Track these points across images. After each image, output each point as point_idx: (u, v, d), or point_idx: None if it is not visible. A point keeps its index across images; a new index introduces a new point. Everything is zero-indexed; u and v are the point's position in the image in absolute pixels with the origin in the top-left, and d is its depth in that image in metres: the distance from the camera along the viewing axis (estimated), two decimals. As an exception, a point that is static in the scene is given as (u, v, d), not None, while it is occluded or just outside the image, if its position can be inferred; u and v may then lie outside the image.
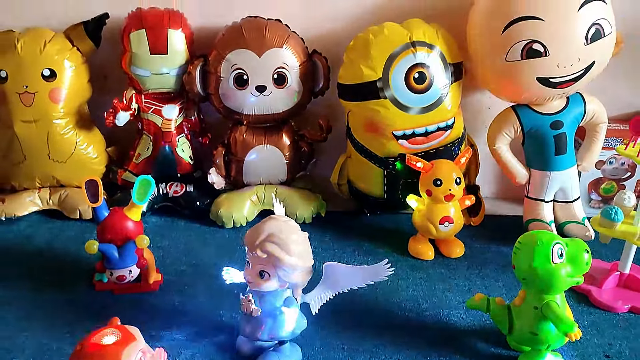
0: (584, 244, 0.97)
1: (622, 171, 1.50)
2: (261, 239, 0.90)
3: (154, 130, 1.46)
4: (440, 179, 1.29)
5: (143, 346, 0.77)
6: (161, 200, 1.49)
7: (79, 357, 0.73)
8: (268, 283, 0.93)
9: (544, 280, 0.95)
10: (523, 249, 0.97)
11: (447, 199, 1.30)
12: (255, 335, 0.98)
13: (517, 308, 1.00)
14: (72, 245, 1.36)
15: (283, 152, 1.47)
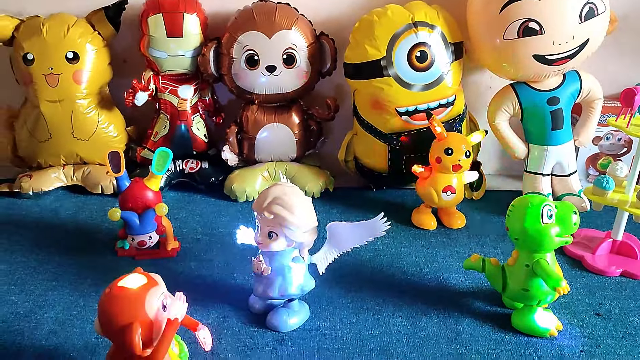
0: (572, 206, 1.03)
1: (619, 147, 1.55)
2: (268, 201, 0.97)
3: (170, 109, 1.55)
4: (452, 149, 1.35)
5: (165, 290, 0.84)
6: (178, 176, 1.58)
7: (107, 299, 0.80)
8: (276, 243, 1.00)
9: (535, 240, 1.01)
10: (515, 211, 1.03)
11: (454, 169, 1.36)
12: (267, 293, 1.05)
13: (510, 267, 1.07)
14: (95, 218, 1.45)
15: (293, 130, 1.55)
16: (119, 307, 0.78)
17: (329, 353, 1.00)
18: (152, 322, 0.79)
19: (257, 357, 0.99)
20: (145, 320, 0.78)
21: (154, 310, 0.79)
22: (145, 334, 0.78)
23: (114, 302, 0.79)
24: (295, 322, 1.07)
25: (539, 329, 1.05)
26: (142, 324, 0.77)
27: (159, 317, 0.80)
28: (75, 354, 0.98)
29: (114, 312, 0.78)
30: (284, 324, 1.06)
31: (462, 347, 1.02)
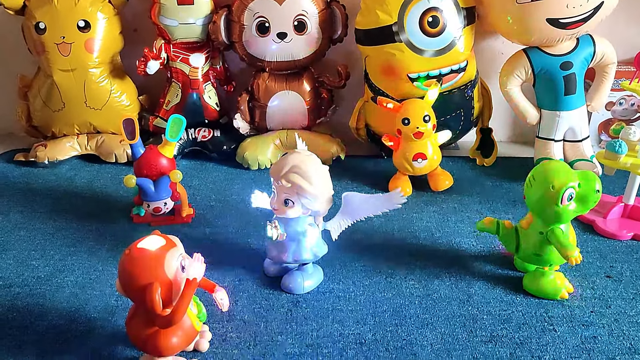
0: (596, 181, 1.00)
1: (632, 112, 1.54)
2: (285, 170, 0.98)
3: (182, 78, 1.55)
4: (408, 118, 1.35)
5: (183, 252, 0.86)
6: (190, 145, 1.59)
7: (128, 260, 0.82)
8: (292, 210, 1.01)
9: (551, 217, 1.01)
10: (536, 186, 1.01)
11: (416, 137, 1.36)
12: (281, 258, 1.07)
13: (524, 230, 1.07)
14: (110, 186, 1.47)
15: (304, 98, 1.55)
16: (139, 267, 0.80)
17: (343, 314, 1.02)
18: (172, 282, 0.81)
19: (272, 318, 1.01)
20: (164, 280, 0.80)
21: (173, 271, 0.81)
22: (165, 294, 0.80)
23: (135, 262, 0.81)
24: (310, 285, 1.09)
25: (550, 291, 1.06)
26: (162, 284, 0.80)
27: (178, 277, 0.82)
28: (96, 315, 1.01)
29: (134, 273, 0.80)
30: (298, 286, 1.08)
31: (474, 309, 1.04)
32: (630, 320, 1.01)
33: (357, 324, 1.00)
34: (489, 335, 0.97)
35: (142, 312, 0.84)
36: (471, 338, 0.97)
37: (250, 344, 0.95)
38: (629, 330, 0.99)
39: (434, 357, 0.93)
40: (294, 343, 0.96)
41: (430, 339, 0.97)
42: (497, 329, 0.99)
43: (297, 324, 1.00)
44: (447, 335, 0.97)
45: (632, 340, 0.96)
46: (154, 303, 0.78)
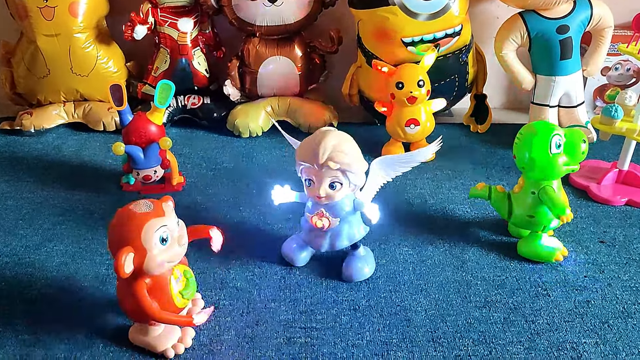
0: (582, 134, 1.02)
1: (628, 77, 1.53)
2: (329, 152, 0.89)
3: (170, 43, 1.51)
4: (402, 82, 1.32)
5: (169, 223, 0.81)
6: (180, 112, 1.56)
7: (114, 218, 0.81)
8: (340, 192, 0.94)
9: (542, 169, 1.01)
10: (523, 140, 1.01)
11: (410, 102, 1.33)
12: (335, 246, 1.00)
13: (516, 195, 1.07)
14: (98, 154, 1.44)
15: (295, 64, 1.52)
16: (118, 228, 0.80)
17: (337, 281, 1.02)
18: (146, 251, 0.78)
19: (265, 286, 1.01)
20: (138, 247, 0.77)
21: (149, 241, 0.78)
22: (137, 261, 0.77)
23: (116, 221, 0.81)
24: (372, 269, 1.03)
25: (545, 254, 1.06)
26: (136, 251, 0.77)
27: (155, 248, 0.79)
28: (87, 284, 1.00)
29: (113, 232, 0.80)
30: (359, 273, 1.02)
31: (468, 275, 1.03)
32: (623, 284, 1.01)
33: (350, 290, 1.00)
34: (482, 301, 0.97)
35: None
36: (465, 303, 0.97)
37: (243, 311, 0.95)
38: (622, 294, 0.99)
39: (428, 322, 0.93)
40: (287, 310, 0.95)
41: (424, 305, 0.96)
42: (491, 294, 0.99)
43: (290, 291, 1.00)
44: (441, 301, 0.97)
45: (625, 304, 0.97)
46: (118, 266, 0.75)
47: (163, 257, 0.80)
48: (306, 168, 0.93)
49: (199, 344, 0.88)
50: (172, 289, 0.84)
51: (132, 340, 0.88)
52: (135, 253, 0.77)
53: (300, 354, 0.87)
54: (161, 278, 0.82)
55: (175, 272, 0.85)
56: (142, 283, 0.80)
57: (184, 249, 0.83)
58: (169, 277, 0.83)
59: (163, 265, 0.80)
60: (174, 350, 0.86)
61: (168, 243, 0.80)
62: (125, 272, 0.76)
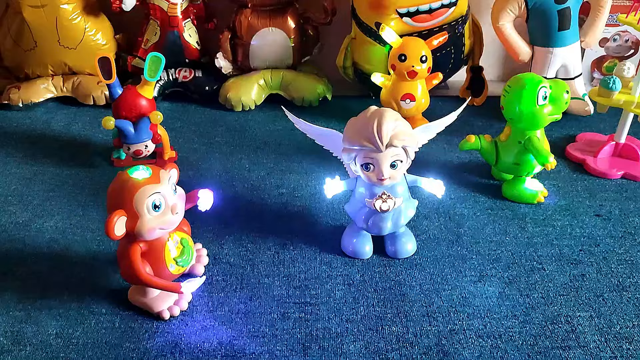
0: (565, 85, 1.07)
1: (626, 48, 1.50)
2: (391, 133, 0.87)
3: (160, 15, 1.47)
4: (405, 55, 1.30)
5: (164, 190, 0.81)
6: (171, 86, 1.53)
7: (112, 181, 0.83)
8: (400, 171, 0.92)
9: (529, 120, 1.07)
10: (512, 92, 1.07)
11: (410, 76, 1.31)
12: (398, 225, 0.99)
13: (502, 143, 1.14)
14: (88, 129, 1.42)
15: (288, 35, 1.48)
16: (114, 191, 0.82)
17: (331, 256, 1.01)
18: (138, 216, 0.79)
19: (259, 261, 1.00)
20: (131, 211, 0.79)
21: (141, 206, 0.79)
22: (129, 225, 0.79)
23: (114, 184, 0.82)
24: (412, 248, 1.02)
25: (528, 196, 1.14)
26: (128, 215, 0.79)
27: (147, 214, 0.80)
28: (77, 260, 0.99)
29: (110, 194, 0.82)
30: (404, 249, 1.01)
31: (462, 249, 1.03)
32: (618, 258, 1.01)
33: (345, 265, 0.99)
34: (477, 275, 0.97)
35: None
36: (460, 278, 0.96)
37: (237, 287, 0.94)
38: (617, 267, 0.99)
39: (423, 297, 0.92)
40: (281, 285, 0.94)
41: (419, 279, 0.96)
42: (486, 268, 0.98)
43: (284, 266, 0.99)
44: (436, 276, 0.97)
45: (619, 278, 0.96)
46: (109, 228, 0.77)
47: (154, 224, 0.81)
48: (365, 152, 0.89)
49: (192, 320, 0.87)
50: (167, 255, 0.85)
51: (131, 300, 0.89)
52: (128, 217, 0.79)
53: (294, 329, 0.86)
54: (157, 244, 0.84)
55: (172, 237, 0.86)
56: (136, 247, 0.82)
57: (179, 217, 0.84)
58: (165, 243, 0.85)
59: (154, 232, 0.82)
60: (169, 312, 0.87)
61: (161, 210, 0.81)
62: (116, 234, 0.78)
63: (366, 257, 1.01)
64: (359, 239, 1.01)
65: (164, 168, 0.85)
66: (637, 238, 1.06)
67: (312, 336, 0.85)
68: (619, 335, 0.85)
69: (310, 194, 1.18)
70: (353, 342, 0.84)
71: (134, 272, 0.83)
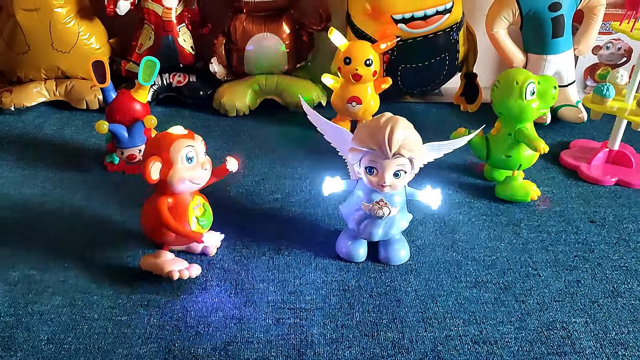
0: (553, 81, 1.10)
1: (618, 56, 1.52)
2: (400, 142, 0.86)
3: (154, 19, 1.47)
4: (349, 57, 1.31)
5: (197, 146, 0.90)
6: (165, 90, 1.53)
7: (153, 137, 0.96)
8: (403, 180, 0.91)
9: (517, 113, 1.09)
10: (501, 87, 1.10)
11: (354, 79, 1.31)
12: (389, 234, 0.99)
13: (493, 137, 1.16)
14: (81, 133, 1.41)
15: (283, 41, 1.48)
16: (152, 142, 0.93)
17: (326, 261, 1.00)
18: (172, 164, 0.88)
19: (254, 266, 0.99)
20: (166, 159, 0.87)
21: (176, 155, 0.88)
22: (163, 172, 0.88)
23: (153, 138, 0.93)
24: (405, 255, 1.02)
25: (521, 194, 1.15)
26: (164, 162, 0.87)
27: (180, 163, 0.88)
28: (70, 265, 0.97)
29: (148, 146, 0.95)
30: (397, 257, 1.01)
31: (458, 255, 1.02)
32: (613, 264, 1.01)
33: (340, 271, 0.98)
34: (473, 281, 0.96)
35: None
36: (455, 284, 0.96)
37: (231, 292, 0.93)
38: (612, 273, 0.99)
39: (418, 302, 0.92)
40: (276, 290, 0.94)
41: (414, 285, 0.95)
42: (482, 274, 0.98)
43: (279, 271, 0.98)
44: (431, 281, 0.96)
45: (614, 284, 0.96)
46: (146, 171, 0.86)
47: (186, 174, 0.89)
48: (371, 155, 0.89)
49: (186, 326, 0.86)
50: (190, 212, 0.92)
51: (142, 265, 0.95)
52: (163, 164, 0.87)
53: (289, 335, 0.85)
54: (182, 200, 0.92)
55: (195, 200, 0.94)
56: (164, 199, 0.90)
57: (207, 174, 0.93)
58: (189, 201, 0.93)
59: (184, 182, 0.89)
60: (179, 273, 0.92)
61: (193, 163, 0.90)
62: (152, 177, 0.87)
63: (360, 261, 1.00)
64: (354, 242, 1.01)
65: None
66: (631, 244, 1.06)
67: (307, 342, 0.84)
68: (615, 341, 0.85)
69: (304, 200, 1.17)
70: (348, 348, 0.83)
71: (162, 218, 0.89)
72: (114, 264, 0.99)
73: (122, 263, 0.99)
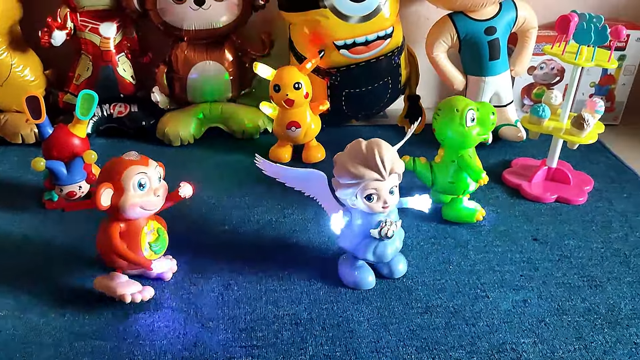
0: (491, 108, 1.12)
1: (552, 76, 1.58)
2: (393, 161, 0.91)
3: (92, 49, 1.43)
4: (278, 85, 1.32)
5: (150, 172, 0.91)
6: (105, 122, 1.48)
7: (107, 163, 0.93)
8: (396, 196, 0.95)
9: (459, 140, 1.11)
10: (442, 115, 1.12)
11: (287, 104, 1.33)
12: (398, 249, 1.02)
13: (437, 164, 1.18)
14: (17, 169, 1.35)
15: (226, 68, 1.47)
16: (105, 169, 0.92)
17: (277, 294, 0.99)
18: (123, 190, 0.88)
19: (202, 304, 0.96)
20: (118, 185, 0.88)
21: (128, 181, 0.89)
22: (114, 199, 0.89)
23: (107, 164, 0.93)
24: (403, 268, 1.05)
25: (467, 215, 1.18)
26: (115, 188, 0.88)
27: (132, 190, 0.89)
28: (3, 313, 0.92)
29: (101, 173, 0.93)
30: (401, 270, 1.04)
31: (408, 280, 1.03)
32: (557, 281, 1.04)
33: (291, 303, 0.97)
34: (424, 307, 0.97)
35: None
36: (407, 310, 0.96)
37: (180, 333, 0.90)
38: (556, 291, 1.01)
39: (371, 332, 0.91)
40: (226, 328, 0.91)
41: (366, 314, 0.95)
42: (432, 299, 0.99)
43: (229, 308, 0.96)
44: (383, 309, 0.96)
45: (559, 302, 0.99)
46: (96, 198, 0.86)
47: (137, 201, 0.90)
48: (366, 183, 0.90)
49: (133, 372, 0.83)
50: (143, 238, 0.93)
51: (96, 286, 0.95)
52: (115, 191, 0.88)
53: (242, 375, 0.83)
54: (134, 226, 0.93)
55: (149, 224, 0.95)
56: (116, 225, 0.92)
57: (159, 201, 0.93)
58: (142, 227, 0.94)
59: (136, 209, 0.90)
60: (132, 297, 0.93)
61: (145, 189, 0.90)
62: (102, 204, 0.87)
63: (369, 287, 1.01)
64: (360, 270, 1.02)
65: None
66: (572, 260, 1.09)
67: (260, 381, 0.83)
68: (562, 360, 0.87)
69: (254, 230, 1.16)
70: (302, 384, 0.82)
71: (112, 244, 0.91)
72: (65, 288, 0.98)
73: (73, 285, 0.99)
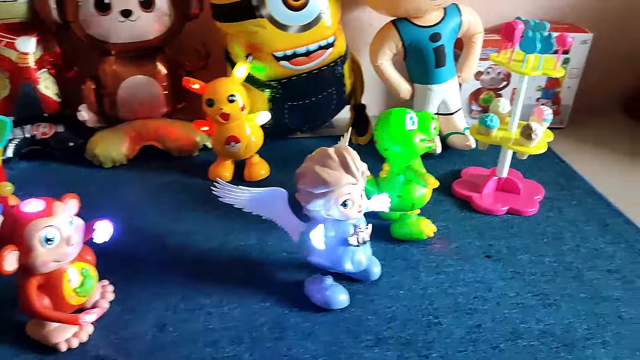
0: (430, 114, 1.09)
1: (499, 81, 1.55)
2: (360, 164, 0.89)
3: (9, 66, 1.31)
4: (211, 99, 1.24)
5: (57, 223, 0.81)
6: (28, 144, 1.36)
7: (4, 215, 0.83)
8: (365, 199, 0.93)
9: (402, 146, 1.06)
10: (381, 122, 1.08)
11: (223, 118, 1.25)
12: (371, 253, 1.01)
13: (383, 179, 1.13)
14: None
15: (159, 83, 1.38)
16: (5, 226, 0.81)
17: (216, 334, 0.91)
18: (30, 249, 0.79)
19: (134, 349, 0.88)
20: (23, 246, 0.79)
21: (33, 239, 0.79)
22: (22, 260, 0.80)
23: (4, 221, 0.82)
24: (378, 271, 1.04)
25: (417, 232, 1.14)
26: (21, 249, 0.79)
27: (39, 248, 0.80)
28: None
29: (0, 230, 0.82)
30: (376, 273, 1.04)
31: (357, 310, 0.97)
32: (510, 302, 0.99)
33: (232, 344, 0.89)
34: (374, 339, 0.91)
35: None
36: (356, 344, 0.90)
37: (108, 388, 0.82)
38: (510, 313, 0.97)
39: (318, 372, 0.85)
40: (160, 378, 0.84)
41: (312, 351, 0.88)
42: (382, 330, 0.93)
43: (163, 351, 0.88)
44: (331, 344, 0.90)
45: (513, 324, 0.95)
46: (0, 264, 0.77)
47: (48, 257, 0.81)
48: (341, 190, 0.88)
49: None
50: (66, 286, 0.85)
51: (29, 333, 0.88)
52: (21, 251, 0.79)
53: None
54: (54, 275, 0.84)
55: (70, 269, 0.86)
56: (31, 280, 0.83)
57: (75, 248, 0.84)
58: (63, 274, 0.85)
59: (49, 265, 0.82)
60: (67, 344, 0.87)
61: (54, 243, 0.81)
62: (6, 270, 0.78)
63: (342, 307, 0.97)
64: (332, 288, 0.97)
65: (62, 199, 0.85)
66: (525, 277, 1.05)
67: None
68: (519, 392, 0.83)
69: (191, 260, 1.07)
70: None
71: (29, 305, 0.83)
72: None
73: None
